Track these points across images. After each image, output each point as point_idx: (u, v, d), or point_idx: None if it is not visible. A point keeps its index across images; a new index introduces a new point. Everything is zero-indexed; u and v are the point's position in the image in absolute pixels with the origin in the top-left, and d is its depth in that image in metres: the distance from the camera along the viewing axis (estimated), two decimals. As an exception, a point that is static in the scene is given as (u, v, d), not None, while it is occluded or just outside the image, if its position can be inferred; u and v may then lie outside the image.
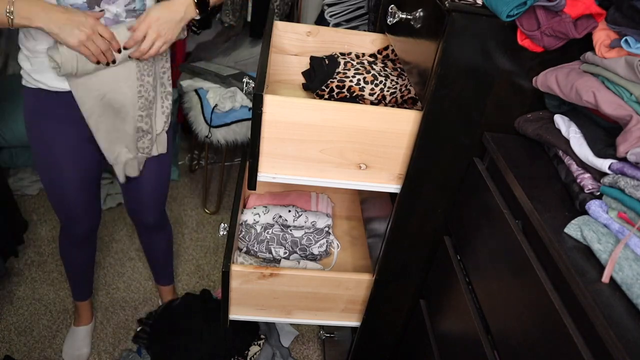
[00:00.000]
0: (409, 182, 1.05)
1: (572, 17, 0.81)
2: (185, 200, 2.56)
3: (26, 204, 2.34)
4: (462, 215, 1.05)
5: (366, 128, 0.99)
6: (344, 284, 1.24)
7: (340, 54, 1.32)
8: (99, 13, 1.13)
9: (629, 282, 0.63)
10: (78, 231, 1.54)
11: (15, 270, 2.03)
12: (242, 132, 2.23)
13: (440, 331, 1.12)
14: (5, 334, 1.79)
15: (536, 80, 0.91)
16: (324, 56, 1.32)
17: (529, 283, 0.77)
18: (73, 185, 1.38)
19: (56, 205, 1.45)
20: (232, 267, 1.19)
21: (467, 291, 0.99)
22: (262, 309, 1.29)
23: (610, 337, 0.58)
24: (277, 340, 1.86)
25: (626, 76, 0.76)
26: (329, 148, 1.01)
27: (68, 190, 1.39)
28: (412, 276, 1.23)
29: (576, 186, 0.81)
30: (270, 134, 0.99)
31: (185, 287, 2.07)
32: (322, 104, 0.97)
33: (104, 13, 1.14)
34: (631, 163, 0.72)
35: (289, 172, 1.05)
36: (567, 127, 0.86)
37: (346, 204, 1.66)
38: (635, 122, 0.73)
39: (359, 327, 1.34)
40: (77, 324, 1.81)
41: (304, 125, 0.98)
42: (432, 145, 0.99)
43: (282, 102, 0.95)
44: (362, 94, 1.19)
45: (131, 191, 1.52)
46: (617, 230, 0.70)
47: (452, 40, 0.86)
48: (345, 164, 1.04)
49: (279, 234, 1.43)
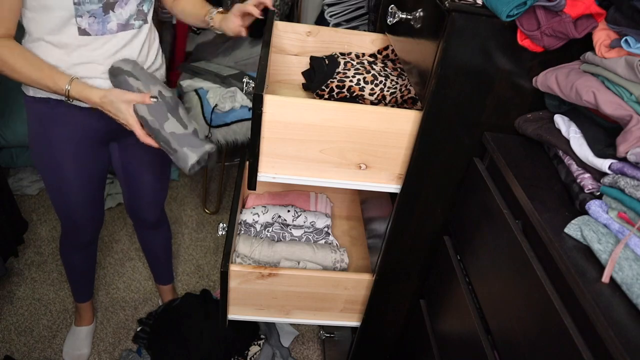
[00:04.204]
0: (409, 182, 1.05)
1: (572, 17, 0.81)
2: (185, 200, 2.56)
3: (26, 204, 2.34)
4: (462, 215, 1.05)
5: (366, 128, 0.99)
6: (343, 283, 1.24)
7: (340, 54, 1.32)
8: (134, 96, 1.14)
9: (629, 282, 0.63)
10: (81, 236, 1.53)
11: (15, 270, 2.03)
12: (242, 132, 2.23)
13: (440, 331, 1.12)
14: (5, 334, 1.79)
15: (536, 80, 0.90)
16: (324, 56, 1.32)
17: (529, 283, 0.77)
18: (78, 189, 1.37)
19: (60, 209, 1.44)
20: (231, 267, 1.18)
21: (467, 291, 0.99)
22: (261, 309, 1.29)
23: (610, 337, 0.58)
24: (277, 340, 1.86)
25: (626, 76, 0.76)
26: (329, 148, 1.01)
27: (73, 195, 1.38)
28: (412, 276, 1.23)
29: (576, 186, 0.81)
30: (270, 133, 0.99)
31: (185, 287, 2.07)
32: (322, 104, 0.97)
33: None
34: (631, 163, 0.72)
35: (289, 172, 1.05)
36: (567, 127, 0.86)
37: (346, 204, 1.66)
38: (635, 122, 0.73)
39: (359, 327, 1.34)
40: (78, 324, 1.81)
41: (304, 125, 0.98)
42: (432, 145, 0.99)
43: (282, 102, 0.95)
44: (362, 94, 1.19)
45: (132, 190, 1.52)
46: (617, 230, 0.70)
47: (452, 40, 0.86)
48: (345, 164, 1.04)
49: (278, 232, 1.43)
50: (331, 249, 1.39)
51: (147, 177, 1.47)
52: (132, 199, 1.56)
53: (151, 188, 1.52)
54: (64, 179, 1.34)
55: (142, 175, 1.46)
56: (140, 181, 1.48)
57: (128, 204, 1.60)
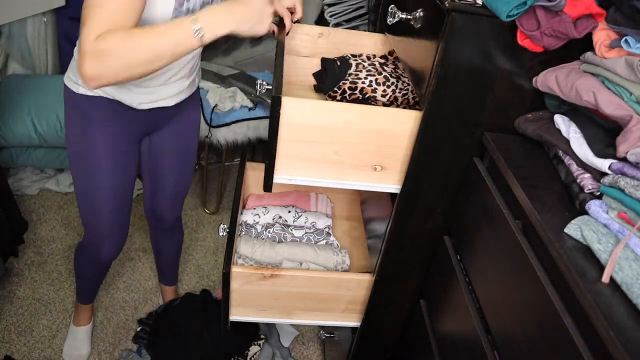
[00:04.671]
0: (409, 182, 1.05)
1: (572, 17, 0.81)
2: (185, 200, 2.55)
3: (26, 204, 2.34)
4: (462, 215, 1.05)
5: (378, 129, 0.99)
6: (345, 284, 1.24)
7: (352, 56, 1.31)
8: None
9: (629, 282, 0.63)
10: (102, 252, 1.43)
11: (15, 270, 2.03)
12: (242, 132, 2.22)
13: (440, 331, 1.12)
14: (5, 334, 1.79)
15: (536, 80, 0.91)
16: (335, 57, 1.32)
17: (529, 283, 0.77)
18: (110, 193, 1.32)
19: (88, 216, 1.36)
20: (233, 269, 1.18)
21: (467, 291, 0.99)
22: (262, 309, 1.29)
23: (610, 337, 0.58)
24: (277, 340, 1.86)
25: (626, 76, 0.76)
26: (344, 149, 1.01)
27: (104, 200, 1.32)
28: (412, 276, 1.23)
29: (576, 186, 0.81)
30: (287, 135, 0.99)
31: (185, 287, 2.07)
32: (338, 106, 0.97)
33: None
34: (631, 163, 0.72)
35: (305, 173, 1.05)
36: (567, 127, 0.86)
37: (346, 204, 1.66)
38: (635, 122, 0.73)
39: (359, 327, 1.34)
40: (77, 324, 1.81)
41: (319, 127, 0.98)
42: (432, 145, 0.99)
43: (299, 104, 0.96)
44: (375, 96, 1.19)
45: (155, 182, 1.50)
46: (617, 230, 0.70)
47: (452, 40, 0.86)
48: (360, 165, 1.04)
49: (279, 233, 1.43)
50: (333, 250, 1.39)
51: (170, 167, 1.45)
52: (154, 194, 1.53)
53: (175, 185, 1.50)
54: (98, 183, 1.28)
55: (166, 165, 1.44)
56: (164, 172, 1.45)
57: (149, 200, 1.57)
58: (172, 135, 1.39)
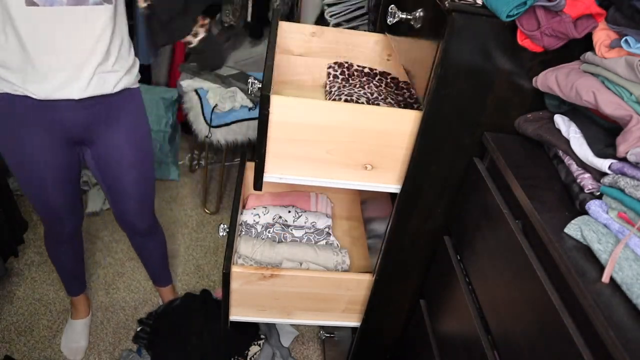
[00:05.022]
0: (409, 182, 1.05)
1: (572, 17, 0.81)
2: (185, 200, 2.56)
3: (26, 204, 2.34)
4: (462, 215, 1.05)
5: (370, 128, 0.99)
6: (345, 284, 1.24)
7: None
8: None
9: (629, 282, 0.63)
10: (62, 230, 1.53)
11: (15, 270, 2.03)
12: (242, 132, 2.23)
13: (440, 331, 1.12)
14: (5, 334, 1.79)
15: (536, 80, 0.91)
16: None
17: (529, 283, 0.77)
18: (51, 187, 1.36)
19: (37, 207, 1.44)
20: (233, 269, 1.18)
21: (467, 291, 0.99)
22: (262, 309, 1.29)
23: (610, 337, 0.58)
24: (277, 340, 1.86)
25: (626, 76, 0.76)
26: (336, 148, 1.01)
27: (47, 193, 1.37)
28: (412, 276, 1.23)
29: (576, 186, 0.81)
30: (277, 134, 0.98)
31: (185, 287, 2.07)
32: (329, 105, 0.97)
33: None
34: (631, 163, 0.72)
35: (296, 172, 1.04)
36: (567, 127, 0.86)
37: (346, 204, 1.66)
38: (635, 122, 0.73)
39: (359, 327, 1.34)
40: (74, 317, 1.82)
41: (310, 126, 0.98)
42: (432, 145, 0.99)
43: (289, 102, 0.95)
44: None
45: (116, 194, 1.47)
46: (617, 230, 0.70)
47: (452, 40, 0.86)
48: (352, 164, 1.04)
49: (279, 233, 1.43)
50: (333, 251, 1.39)
51: (129, 178, 1.42)
52: (117, 203, 1.50)
53: (135, 190, 1.46)
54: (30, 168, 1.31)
55: (123, 177, 1.41)
56: (122, 184, 1.43)
57: (115, 212, 1.55)
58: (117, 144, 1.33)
